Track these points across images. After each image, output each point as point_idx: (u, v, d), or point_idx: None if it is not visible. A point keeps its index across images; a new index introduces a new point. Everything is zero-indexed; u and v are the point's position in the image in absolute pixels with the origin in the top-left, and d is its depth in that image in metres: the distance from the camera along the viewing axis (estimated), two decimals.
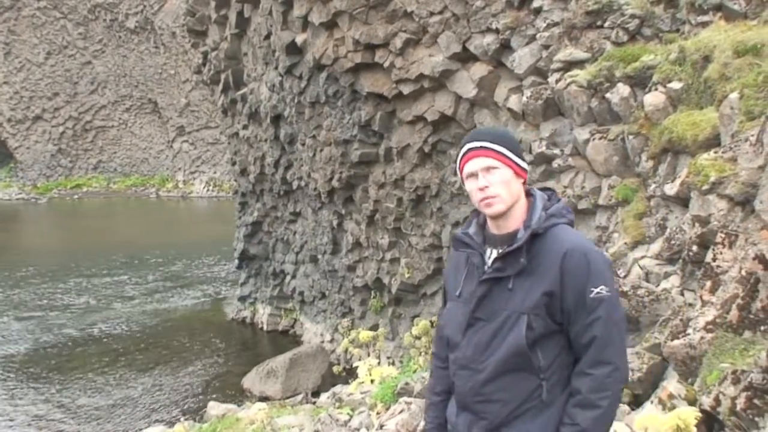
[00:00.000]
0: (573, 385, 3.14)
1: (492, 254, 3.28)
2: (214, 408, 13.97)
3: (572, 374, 3.16)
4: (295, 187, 19.92)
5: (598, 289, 3.07)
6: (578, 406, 3.08)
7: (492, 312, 3.21)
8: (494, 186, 3.19)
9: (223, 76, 21.93)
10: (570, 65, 11.10)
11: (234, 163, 23.45)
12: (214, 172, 59.90)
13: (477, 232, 3.38)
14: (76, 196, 62.27)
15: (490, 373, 3.20)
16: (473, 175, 3.25)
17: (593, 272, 3.08)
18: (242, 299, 24.35)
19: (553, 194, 3.38)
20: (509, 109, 12.35)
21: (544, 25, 11.69)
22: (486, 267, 3.27)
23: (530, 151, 11.50)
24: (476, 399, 3.25)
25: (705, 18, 9.83)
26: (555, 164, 11.12)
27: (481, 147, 3.24)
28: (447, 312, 3.47)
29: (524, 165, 3.31)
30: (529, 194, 3.34)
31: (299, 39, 16.46)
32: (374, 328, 16.71)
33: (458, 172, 3.39)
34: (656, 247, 8.05)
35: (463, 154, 3.30)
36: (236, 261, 24.58)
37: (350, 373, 14.84)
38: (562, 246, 3.12)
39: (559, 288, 3.09)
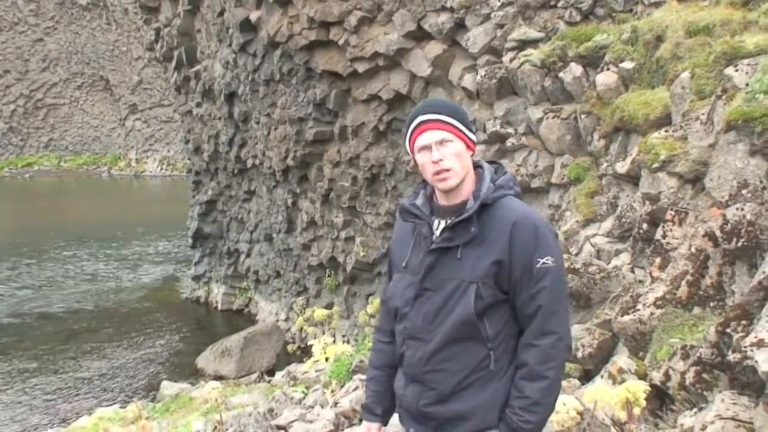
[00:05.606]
0: (520, 357, 3.18)
1: (440, 225, 3.27)
2: (168, 387, 13.89)
3: (519, 346, 3.20)
4: (249, 165, 19.81)
5: (544, 260, 3.11)
6: (526, 378, 3.13)
7: (440, 282, 3.22)
8: (448, 159, 3.16)
9: (176, 53, 21.66)
10: (524, 44, 11.16)
11: (187, 142, 23.24)
12: (168, 151, 59.24)
13: (424, 204, 3.36)
14: (27, 175, 61.33)
15: (438, 343, 3.21)
16: (426, 147, 3.21)
17: (541, 243, 3.12)
18: (196, 278, 24.19)
19: (499, 167, 3.38)
20: (464, 88, 12.38)
21: (499, 4, 11.71)
22: (434, 237, 3.26)
23: (484, 130, 11.55)
24: (425, 369, 3.25)
25: None
26: (509, 143, 11.18)
27: (435, 120, 3.20)
28: (393, 283, 3.45)
29: (474, 137, 3.30)
30: (477, 166, 3.33)
31: (253, 16, 16.32)
32: (329, 306, 16.68)
33: (408, 145, 3.34)
34: (607, 224, 8.15)
35: (416, 126, 3.24)
36: (190, 240, 24.43)
37: (305, 352, 14.81)
38: (511, 216, 3.14)
39: (508, 257, 3.11)
